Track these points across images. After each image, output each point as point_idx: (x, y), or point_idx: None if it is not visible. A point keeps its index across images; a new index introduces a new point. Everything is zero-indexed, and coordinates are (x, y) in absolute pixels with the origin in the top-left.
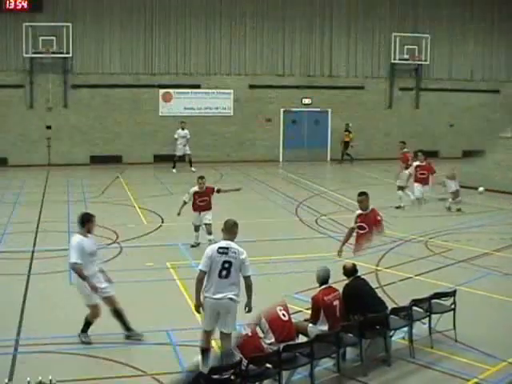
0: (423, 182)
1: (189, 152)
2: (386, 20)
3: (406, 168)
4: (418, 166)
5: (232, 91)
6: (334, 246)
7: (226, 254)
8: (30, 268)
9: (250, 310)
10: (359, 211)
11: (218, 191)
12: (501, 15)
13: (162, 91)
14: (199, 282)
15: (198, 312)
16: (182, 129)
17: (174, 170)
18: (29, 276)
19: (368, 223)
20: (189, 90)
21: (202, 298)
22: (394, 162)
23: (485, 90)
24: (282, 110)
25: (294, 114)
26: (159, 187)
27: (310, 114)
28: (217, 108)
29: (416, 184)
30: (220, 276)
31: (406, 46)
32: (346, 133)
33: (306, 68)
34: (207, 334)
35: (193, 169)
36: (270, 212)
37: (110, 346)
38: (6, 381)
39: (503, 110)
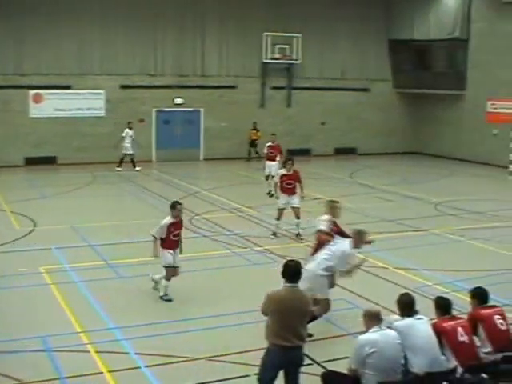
0: (289, 192)
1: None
2: (257, 19)
3: (269, 159)
4: (284, 176)
5: (104, 92)
6: (208, 245)
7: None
8: None
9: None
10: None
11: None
12: (370, 15)
13: (32, 92)
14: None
15: None
16: (130, 128)
17: (119, 169)
18: None
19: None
20: (60, 91)
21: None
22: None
23: (356, 89)
24: (154, 110)
25: (166, 114)
26: (31, 191)
27: (182, 114)
28: (88, 109)
29: (282, 194)
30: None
31: (277, 46)
32: (254, 131)
33: (177, 68)
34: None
35: (137, 168)
36: (143, 213)
37: None
38: None
39: (374, 108)
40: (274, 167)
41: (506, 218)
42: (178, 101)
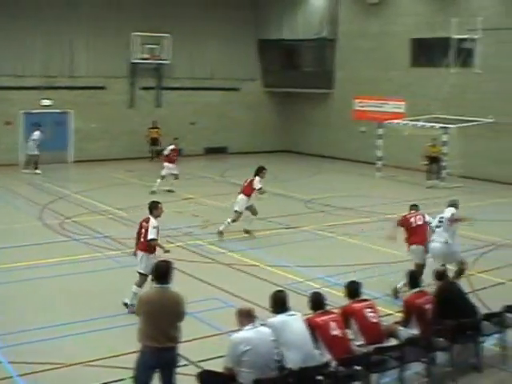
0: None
1: (38, 153)
2: (126, 19)
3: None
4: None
5: None
6: (79, 249)
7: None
8: None
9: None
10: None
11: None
12: (240, 16)
13: None
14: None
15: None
16: (40, 131)
17: (38, 171)
18: None
19: None
20: None
21: None
22: (137, 161)
23: (225, 88)
24: (21, 112)
25: (34, 116)
26: None
27: (51, 116)
28: None
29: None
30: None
31: (146, 46)
32: (154, 129)
33: (45, 68)
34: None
35: (38, 171)
36: (12, 218)
37: None
38: None
39: (243, 108)
40: (174, 169)
41: (374, 214)
42: (46, 102)
